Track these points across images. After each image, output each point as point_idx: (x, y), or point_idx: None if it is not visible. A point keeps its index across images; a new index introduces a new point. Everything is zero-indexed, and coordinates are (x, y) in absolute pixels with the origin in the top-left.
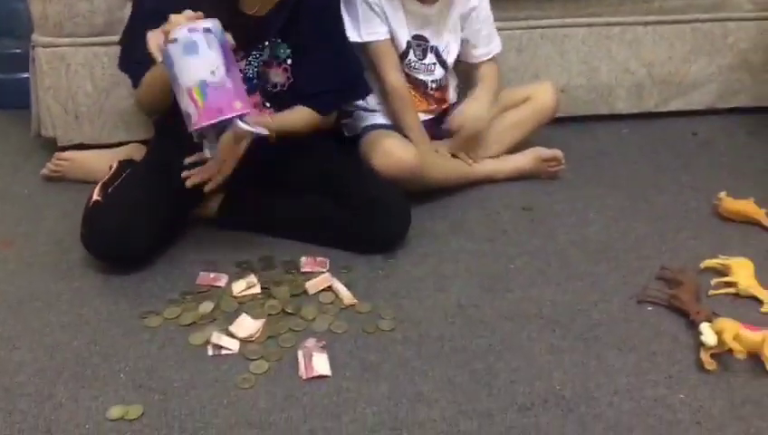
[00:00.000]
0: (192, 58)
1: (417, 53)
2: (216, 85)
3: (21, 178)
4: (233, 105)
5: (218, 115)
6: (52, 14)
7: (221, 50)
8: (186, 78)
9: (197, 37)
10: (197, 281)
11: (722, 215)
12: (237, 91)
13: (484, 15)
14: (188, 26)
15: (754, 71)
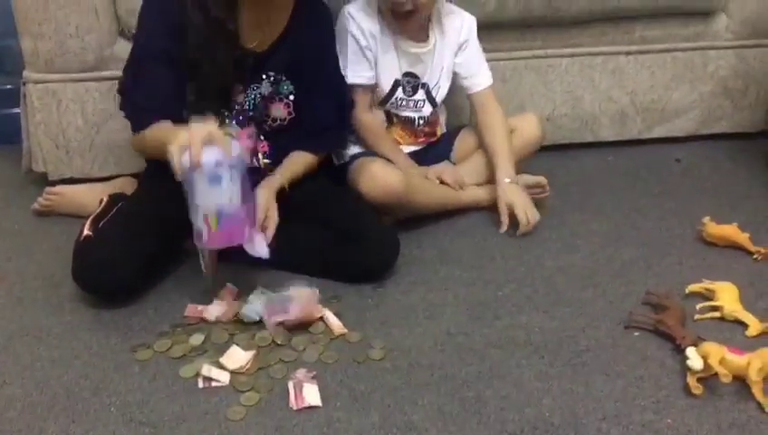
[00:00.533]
0: (214, 189)
1: (407, 90)
2: (230, 214)
3: (12, 213)
4: (243, 233)
5: (228, 241)
6: (43, 51)
7: (240, 180)
8: (204, 203)
9: (224, 172)
10: (186, 313)
11: (706, 240)
12: (249, 218)
13: (475, 47)
14: (216, 158)
15: (735, 98)
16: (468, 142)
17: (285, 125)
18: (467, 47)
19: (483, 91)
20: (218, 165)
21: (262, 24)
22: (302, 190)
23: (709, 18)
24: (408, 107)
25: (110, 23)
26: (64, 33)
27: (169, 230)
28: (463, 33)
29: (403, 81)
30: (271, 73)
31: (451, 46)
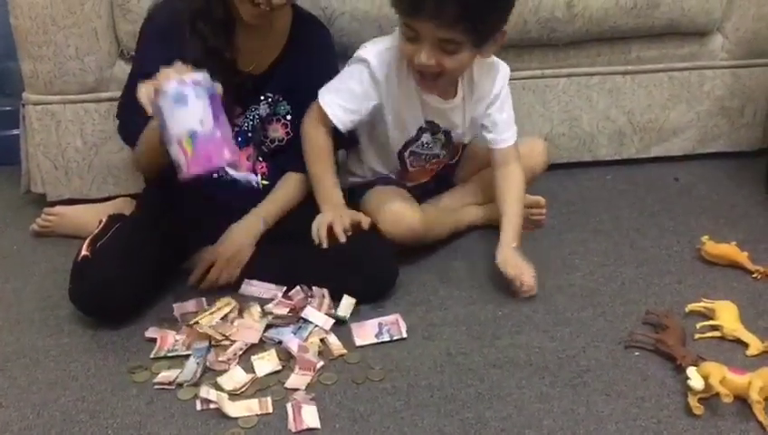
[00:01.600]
0: (181, 109)
1: (428, 137)
2: (205, 135)
3: (10, 234)
4: (222, 154)
5: (207, 164)
6: (43, 72)
7: (209, 100)
8: (175, 128)
9: (187, 89)
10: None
11: (705, 259)
12: (226, 140)
13: (505, 101)
14: (178, 79)
15: (732, 117)
16: (473, 162)
17: (283, 145)
18: (498, 101)
19: (506, 149)
20: (181, 83)
21: (259, 48)
22: (300, 213)
23: (705, 38)
24: (435, 147)
25: (109, 45)
26: (64, 55)
27: (168, 251)
28: (496, 86)
29: (426, 127)
30: (269, 95)
31: (482, 100)
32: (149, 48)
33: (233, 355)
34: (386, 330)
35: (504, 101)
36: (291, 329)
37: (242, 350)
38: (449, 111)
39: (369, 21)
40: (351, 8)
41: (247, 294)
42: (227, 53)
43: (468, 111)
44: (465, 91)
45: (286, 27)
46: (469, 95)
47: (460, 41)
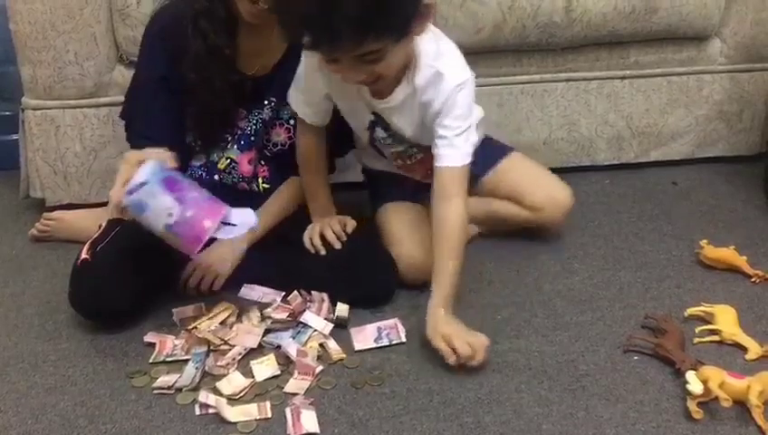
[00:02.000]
0: (146, 215)
1: (385, 130)
2: (178, 222)
3: (9, 239)
4: (204, 228)
5: (198, 243)
6: (42, 77)
7: (165, 187)
8: (153, 228)
9: (139, 196)
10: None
11: (704, 263)
12: (201, 213)
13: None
14: (128, 188)
15: (730, 121)
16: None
17: (286, 149)
18: (442, 114)
19: (445, 171)
20: (131, 192)
21: (261, 51)
22: (298, 218)
23: (703, 43)
24: (395, 143)
25: (108, 49)
26: (63, 61)
27: (168, 256)
28: (440, 96)
29: (377, 120)
30: (272, 99)
31: (429, 107)
32: (151, 50)
33: (232, 360)
34: (385, 334)
35: (449, 114)
36: (290, 333)
37: (241, 354)
38: (388, 111)
39: None
40: None
41: (246, 299)
42: (228, 51)
43: (414, 114)
44: (408, 93)
45: None
46: (412, 98)
47: (377, 48)
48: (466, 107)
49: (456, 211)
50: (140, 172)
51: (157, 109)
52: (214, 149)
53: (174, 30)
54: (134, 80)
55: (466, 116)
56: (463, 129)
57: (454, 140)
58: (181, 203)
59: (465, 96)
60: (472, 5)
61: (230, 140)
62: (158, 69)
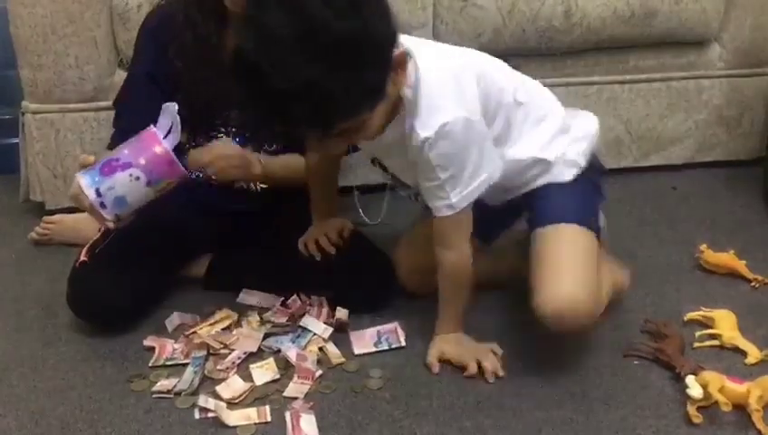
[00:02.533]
0: (129, 200)
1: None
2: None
3: (8, 243)
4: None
5: (175, 166)
6: (42, 81)
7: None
8: (146, 198)
9: (107, 201)
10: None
11: (704, 267)
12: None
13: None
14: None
15: (729, 126)
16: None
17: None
18: (423, 168)
19: (437, 221)
20: (102, 205)
21: None
22: (297, 221)
23: (702, 48)
24: (399, 187)
25: (108, 53)
26: (64, 64)
27: (166, 259)
28: (422, 153)
29: (376, 159)
30: None
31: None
32: (143, 46)
33: (231, 364)
34: (384, 338)
35: (431, 168)
36: (289, 337)
37: (240, 358)
38: (379, 153)
39: None
40: None
41: (246, 304)
42: (214, 39)
43: (401, 155)
44: (397, 135)
45: None
46: (401, 140)
47: (353, 125)
48: (445, 157)
49: (452, 259)
50: (83, 187)
51: (143, 105)
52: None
53: (166, 26)
54: (127, 77)
55: (447, 166)
56: (443, 178)
57: (436, 190)
58: (131, 165)
59: (444, 146)
60: (472, 10)
61: (225, 133)
62: (148, 66)
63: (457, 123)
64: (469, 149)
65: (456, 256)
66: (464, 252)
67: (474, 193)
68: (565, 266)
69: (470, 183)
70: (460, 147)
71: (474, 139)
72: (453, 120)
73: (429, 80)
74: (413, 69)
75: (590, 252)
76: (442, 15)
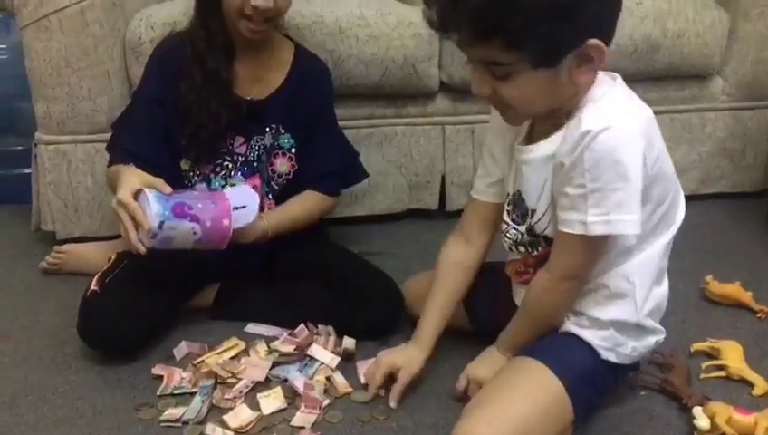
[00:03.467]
0: (174, 244)
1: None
2: (204, 235)
3: (19, 272)
4: (226, 227)
5: (226, 240)
6: (56, 113)
7: (181, 216)
8: (184, 247)
9: (162, 236)
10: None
11: (709, 298)
12: (216, 217)
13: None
14: (151, 233)
15: (733, 158)
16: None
17: (290, 179)
18: (571, 169)
19: (562, 235)
20: (154, 235)
21: (260, 76)
22: (304, 250)
23: (705, 81)
24: (510, 228)
25: (120, 86)
26: (77, 97)
27: (175, 289)
28: (577, 149)
29: (515, 198)
30: (272, 125)
31: (556, 158)
32: (150, 73)
33: (239, 393)
34: None
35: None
36: (297, 367)
37: (248, 387)
38: (525, 166)
39: (376, 63)
40: (358, 51)
41: (253, 333)
42: (225, 74)
43: (541, 169)
44: (554, 149)
45: (288, 60)
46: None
47: (507, 62)
48: (599, 164)
49: (538, 283)
50: (152, 214)
51: (148, 129)
52: (216, 177)
53: (174, 56)
54: (131, 102)
55: (598, 176)
56: (589, 188)
57: (576, 201)
58: (198, 220)
59: (602, 149)
60: None
61: (231, 168)
62: (154, 91)
63: (624, 135)
64: (627, 174)
65: (549, 283)
66: (572, 285)
67: (613, 227)
68: (500, 401)
69: (613, 212)
70: (618, 160)
71: (634, 167)
72: (621, 128)
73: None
74: (601, 95)
75: (545, 408)
76: (448, 49)
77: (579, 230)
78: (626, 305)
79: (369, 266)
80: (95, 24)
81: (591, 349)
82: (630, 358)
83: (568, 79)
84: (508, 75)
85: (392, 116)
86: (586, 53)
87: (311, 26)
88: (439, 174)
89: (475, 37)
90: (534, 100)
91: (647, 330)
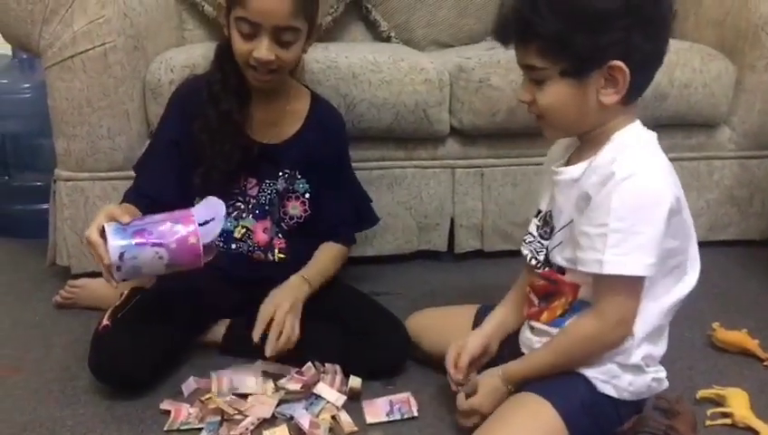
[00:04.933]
0: (143, 271)
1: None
2: (172, 258)
3: (33, 305)
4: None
5: (199, 258)
6: (76, 150)
7: (142, 243)
8: (156, 273)
9: (126, 266)
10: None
11: (716, 345)
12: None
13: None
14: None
15: (741, 206)
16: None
17: (302, 222)
18: (592, 206)
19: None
20: (118, 268)
21: (275, 121)
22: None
23: (712, 130)
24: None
25: (139, 126)
26: (97, 135)
27: (186, 324)
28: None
29: (546, 216)
30: (286, 170)
31: (582, 187)
32: (169, 115)
33: (245, 429)
34: (397, 408)
35: (605, 210)
36: (303, 405)
37: (254, 424)
38: (558, 187)
39: (388, 108)
40: (371, 96)
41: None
42: (237, 116)
43: (569, 193)
44: (582, 171)
45: (304, 109)
46: (590, 172)
47: (540, 66)
48: (626, 206)
49: (577, 326)
50: (109, 247)
51: (163, 170)
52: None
53: (192, 98)
54: (151, 142)
55: (623, 217)
56: (611, 228)
57: (595, 240)
58: (161, 244)
59: (630, 195)
60: (487, 90)
61: (244, 209)
62: (171, 132)
63: (657, 182)
64: (653, 220)
65: (590, 325)
66: (596, 321)
67: (629, 268)
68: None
69: (632, 254)
70: (646, 206)
71: (661, 215)
72: (655, 175)
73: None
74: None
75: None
76: (458, 95)
77: (594, 269)
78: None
79: (377, 307)
80: (117, 65)
81: (588, 382)
82: (630, 393)
83: (595, 99)
84: (542, 82)
85: (403, 159)
86: (611, 73)
87: (325, 71)
88: (448, 216)
89: (518, 41)
90: (563, 111)
91: (641, 366)
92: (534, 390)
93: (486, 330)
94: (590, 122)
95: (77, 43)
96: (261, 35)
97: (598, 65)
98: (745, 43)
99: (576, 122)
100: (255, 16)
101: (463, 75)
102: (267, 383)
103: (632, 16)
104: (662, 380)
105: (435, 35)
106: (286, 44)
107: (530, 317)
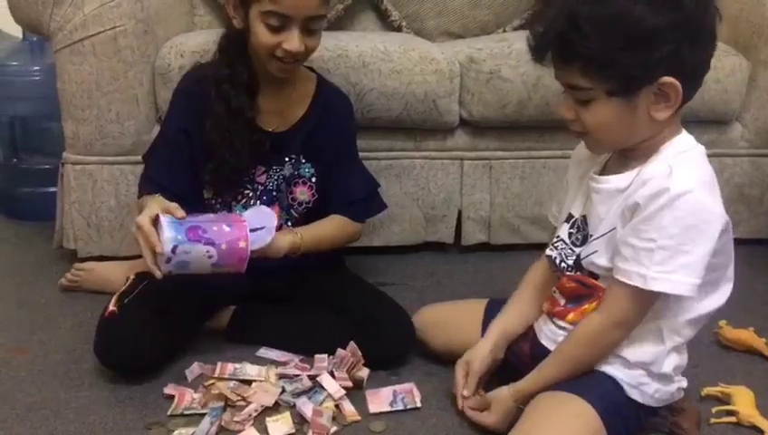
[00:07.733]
0: (190, 268)
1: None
2: (221, 258)
3: (39, 288)
4: (243, 249)
5: (244, 263)
6: (84, 134)
7: (195, 240)
8: (201, 272)
9: (177, 260)
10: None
11: (722, 343)
12: (233, 240)
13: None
14: (164, 258)
15: (751, 204)
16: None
17: (311, 207)
18: (639, 216)
19: (612, 283)
20: (168, 259)
21: (282, 109)
22: (321, 277)
23: (724, 127)
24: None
25: (148, 110)
26: (105, 119)
27: (192, 310)
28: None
29: (579, 221)
30: (292, 156)
31: (629, 197)
32: (176, 105)
33: (248, 416)
34: (400, 398)
35: (655, 226)
36: (306, 393)
37: (257, 411)
38: (598, 196)
39: (397, 97)
40: (380, 85)
41: (265, 357)
42: (249, 112)
43: (609, 206)
44: (627, 183)
45: (310, 93)
46: (624, 194)
47: (585, 86)
48: (677, 226)
49: (588, 325)
50: (165, 239)
51: (173, 160)
52: (237, 205)
53: (198, 91)
54: (159, 132)
55: (674, 234)
56: (659, 244)
57: (641, 254)
58: (213, 244)
59: (684, 213)
60: (497, 82)
61: (251, 196)
62: (180, 123)
63: (711, 203)
64: (703, 240)
65: (601, 326)
66: (621, 333)
67: (674, 287)
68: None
69: (677, 273)
70: (697, 226)
71: (712, 236)
72: (709, 194)
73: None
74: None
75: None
76: (468, 86)
77: (637, 283)
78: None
79: (383, 297)
80: (127, 49)
81: (617, 384)
82: (654, 399)
83: (646, 115)
84: (588, 101)
85: (411, 149)
86: (662, 90)
87: (335, 59)
88: (456, 208)
89: (559, 60)
90: (611, 129)
91: (670, 376)
92: (570, 389)
93: (492, 339)
94: (640, 137)
95: (87, 27)
96: (291, 27)
97: (648, 83)
98: (759, 39)
99: (625, 139)
100: (289, 9)
101: (473, 66)
102: (270, 371)
103: (681, 30)
104: (683, 389)
105: (446, 26)
106: (313, 32)
107: (553, 315)
